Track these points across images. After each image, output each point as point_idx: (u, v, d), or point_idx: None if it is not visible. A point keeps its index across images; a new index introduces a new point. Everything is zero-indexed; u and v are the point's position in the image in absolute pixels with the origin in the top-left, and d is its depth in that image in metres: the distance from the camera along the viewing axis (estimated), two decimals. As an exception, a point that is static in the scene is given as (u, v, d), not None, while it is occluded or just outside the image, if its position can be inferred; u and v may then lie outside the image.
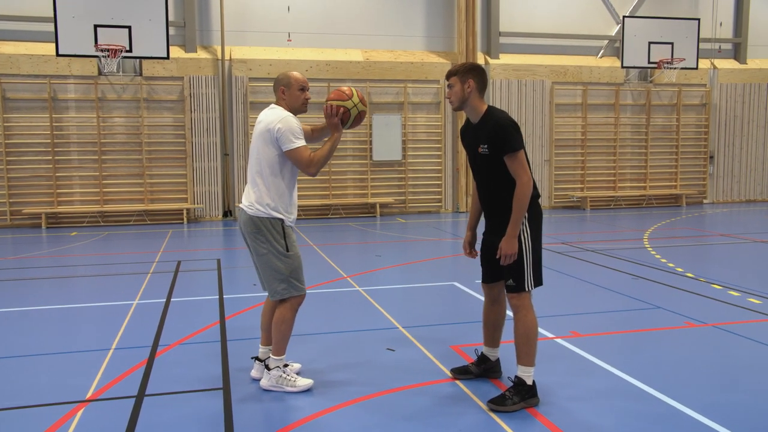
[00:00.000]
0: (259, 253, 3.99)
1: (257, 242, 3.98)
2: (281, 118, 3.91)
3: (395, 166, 14.69)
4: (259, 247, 3.98)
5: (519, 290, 3.76)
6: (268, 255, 3.97)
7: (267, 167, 3.95)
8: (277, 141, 3.91)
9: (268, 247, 3.96)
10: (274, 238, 3.96)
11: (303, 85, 4.06)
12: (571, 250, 9.31)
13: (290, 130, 3.89)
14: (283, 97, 4.05)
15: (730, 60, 16.74)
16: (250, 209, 3.98)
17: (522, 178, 3.67)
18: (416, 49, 14.91)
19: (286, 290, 4.00)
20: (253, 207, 3.97)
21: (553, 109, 15.37)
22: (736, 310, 5.84)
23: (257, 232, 3.96)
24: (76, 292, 7.25)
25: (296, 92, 4.04)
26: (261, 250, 3.98)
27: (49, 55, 12.67)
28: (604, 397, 3.87)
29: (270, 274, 4.00)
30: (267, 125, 3.94)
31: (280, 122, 3.90)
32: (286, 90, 4.04)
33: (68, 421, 3.62)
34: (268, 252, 3.96)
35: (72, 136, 13.12)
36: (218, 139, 13.71)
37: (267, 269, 4.00)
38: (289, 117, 3.94)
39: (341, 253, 9.50)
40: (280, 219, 3.98)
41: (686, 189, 16.26)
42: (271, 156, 3.94)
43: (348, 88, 4.09)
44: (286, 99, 4.05)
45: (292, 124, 3.91)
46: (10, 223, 12.89)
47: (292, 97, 4.05)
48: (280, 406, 3.84)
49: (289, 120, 3.92)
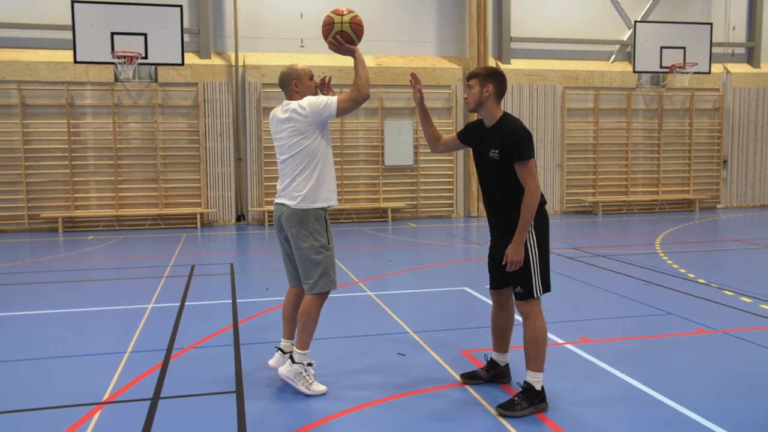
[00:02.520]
0: (300, 247, 4.07)
1: (300, 237, 4.06)
2: (303, 104, 4.05)
3: (407, 171, 14.76)
4: (300, 241, 4.06)
5: (528, 297, 3.81)
6: (309, 249, 4.06)
7: (306, 156, 4.06)
8: (313, 121, 4.02)
9: (311, 241, 4.05)
10: (317, 231, 4.06)
11: (311, 74, 4.23)
12: (583, 255, 9.32)
13: (314, 99, 4.05)
14: (296, 90, 4.16)
15: (743, 64, 16.67)
16: (293, 202, 4.07)
17: (531, 186, 3.72)
18: (428, 55, 14.98)
19: (325, 284, 4.10)
20: (296, 200, 4.06)
21: (564, 114, 15.37)
22: (748, 317, 5.84)
23: (301, 226, 4.05)
24: (93, 295, 7.38)
25: (307, 82, 4.18)
26: (303, 244, 4.06)
27: (66, 63, 12.88)
28: (613, 403, 3.90)
29: (312, 269, 4.07)
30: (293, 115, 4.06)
31: (303, 104, 4.04)
32: (299, 82, 4.16)
33: (86, 422, 3.71)
34: (311, 246, 4.05)
35: (89, 141, 13.32)
36: (232, 145, 13.85)
37: (308, 264, 4.08)
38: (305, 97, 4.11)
39: (353, 257, 9.57)
40: (323, 208, 4.09)
41: (699, 194, 16.19)
42: (308, 144, 4.05)
43: (327, 17, 4.07)
44: (300, 91, 4.16)
45: (311, 97, 4.08)
46: (28, 227, 13.09)
47: (305, 87, 4.17)
48: (293, 409, 3.90)
49: (307, 98, 4.08)
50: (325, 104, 4.02)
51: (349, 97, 4.04)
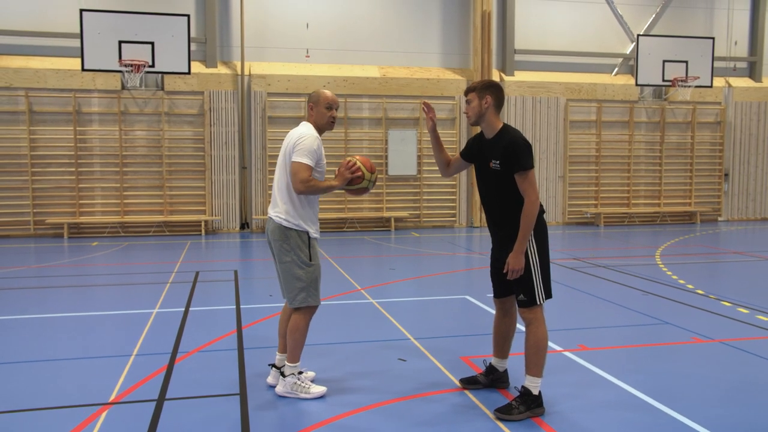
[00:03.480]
0: (283, 260, 4.17)
1: (282, 250, 4.15)
2: (306, 135, 4.10)
3: (410, 180, 14.86)
4: (283, 255, 4.16)
5: (531, 304, 3.89)
6: (291, 263, 4.14)
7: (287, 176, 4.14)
8: (292, 149, 4.09)
9: (292, 255, 4.14)
10: (299, 247, 4.14)
11: (330, 103, 4.23)
12: (584, 265, 9.39)
13: (307, 147, 4.06)
14: (311, 113, 4.24)
15: (745, 78, 16.77)
16: (278, 218, 4.16)
17: (531, 196, 3.82)
18: (432, 66, 15.12)
19: (304, 299, 4.16)
20: (281, 216, 4.15)
21: (567, 126, 15.48)
22: (745, 327, 5.90)
23: (284, 240, 4.14)
24: (98, 300, 7.47)
25: (323, 109, 4.21)
26: (285, 258, 4.15)
27: (74, 70, 13.04)
28: (609, 409, 3.97)
29: (291, 282, 4.16)
30: (291, 140, 4.14)
31: (303, 136, 4.10)
32: (315, 107, 4.23)
33: (93, 422, 3.80)
34: (292, 261, 4.14)
35: (95, 148, 13.45)
36: (237, 153, 13.97)
37: (289, 277, 4.16)
38: (313, 137, 4.11)
39: (356, 265, 9.66)
40: (306, 231, 4.16)
41: (701, 206, 16.26)
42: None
43: (372, 165, 4.27)
44: (314, 115, 4.23)
45: (312, 144, 4.08)
46: (33, 233, 13.20)
47: (319, 114, 4.22)
48: (295, 412, 3.98)
49: (311, 139, 4.10)
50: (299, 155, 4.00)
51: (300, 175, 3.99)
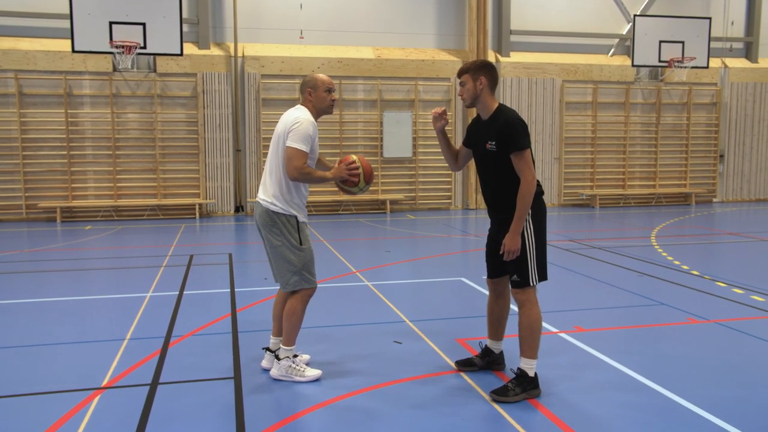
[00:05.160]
0: (273, 245, 4.11)
1: (272, 234, 4.10)
2: (299, 122, 4.00)
3: (405, 163, 14.79)
4: (273, 239, 4.10)
5: (523, 285, 3.86)
6: (281, 247, 4.09)
7: (279, 159, 4.08)
8: (287, 133, 4.02)
9: (282, 239, 4.08)
10: (288, 231, 4.08)
11: (329, 86, 4.17)
12: (579, 247, 9.38)
13: (302, 132, 3.98)
14: (309, 98, 4.16)
15: (741, 59, 16.69)
16: (265, 203, 4.10)
17: (527, 176, 3.77)
18: (427, 47, 14.99)
19: (297, 282, 4.12)
20: (269, 201, 4.09)
21: (563, 108, 15.40)
22: (740, 307, 5.90)
23: (272, 224, 4.08)
24: (91, 284, 7.42)
25: (323, 93, 4.14)
26: (275, 242, 4.10)
27: (64, 52, 12.87)
28: (605, 390, 3.97)
29: (283, 266, 4.12)
30: (285, 124, 4.06)
31: (298, 121, 4.01)
32: (313, 91, 4.15)
33: (86, 406, 3.77)
34: (282, 244, 4.09)
35: (87, 131, 13.32)
36: (230, 136, 13.87)
37: (280, 261, 4.12)
38: (309, 121, 4.03)
39: (351, 248, 9.62)
40: (294, 215, 4.10)
41: (696, 188, 16.25)
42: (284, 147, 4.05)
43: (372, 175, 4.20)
44: (312, 100, 4.15)
45: (308, 129, 4.00)
46: (25, 217, 13.11)
47: (319, 99, 4.15)
48: (290, 395, 3.96)
49: (307, 124, 4.01)
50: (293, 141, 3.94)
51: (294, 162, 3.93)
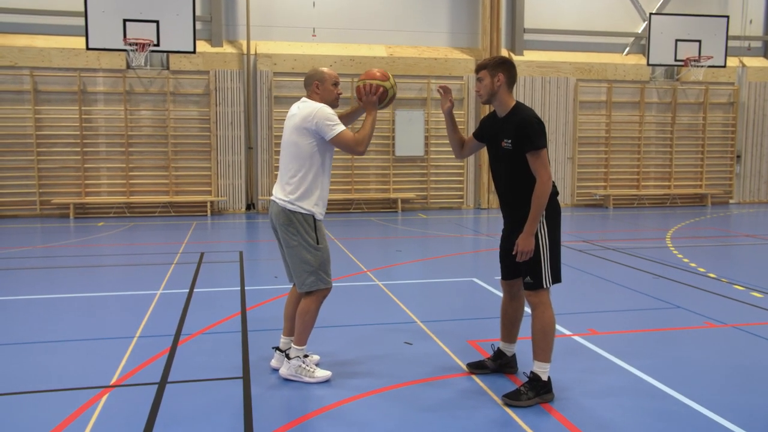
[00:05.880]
0: (290, 245, 4.07)
1: (288, 234, 4.05)
2: (317, 109, 3.99)
3: (417, 161, 14.73)
4: (289, 239, 4.05)
5: (537, 287, 3.79)
6: (298, 247, 4.04)
7: (301, 161, 4.02)
8: (317, 132, 3.98)
9: (299, 239, 4.03)
10: (305, 230, 4.03)
11: (336, 80, 4.17)
12: (593, 248, 9.27)
13: (328, 118, 3.97)
14: (317, 91, 4.13)
15: (759, 58, 16.46)
16: (282, 201, 4.06)
17: (543, 176, 3.70)
18: (440, 45, 14.91)
19: (314, 283, 4.07)
20: (285, 200, 4.04)
21: (577, 107, 15.27)
22: (758, 312, 5.79)
23: (289, 224, 4.04)
24: (102, 281, 7.43)
25: (330, 87, 4.13)
26: (291, 242, 4.05)
27: (79, 49, 12.92)
28: (619, 395, 3.89)
29: (299, 266, 4.07)
30: (303, 118, 4.01)
31: (317, 113, 3.97)
32: (320, 85, 4.12)
33: (94, 404, 3.74)
34: (299, 244, 4.04)
35: (100, 128, 13.37)
36: (242, 133, 13.87)
37: (297, 261, 4.07)
38: (324, 106, 4.03)
39: (362, 247, 9.58)
40: (311, 213, 4.06)
41: (712, 189, 16.05)
42: (305, 149, 4.01)
43: (380, 70, 4.19)
44: (320, 93, 4.13)
45: (328, 112, 4.00)
46: (39, 213, 13.19)
47: (326, 92, 4.13)
48: (299, 396, 3.92)
49: (324, 109, 4.00)
50: (332, 129, 3.95)
51: (351, 140, 3.98)
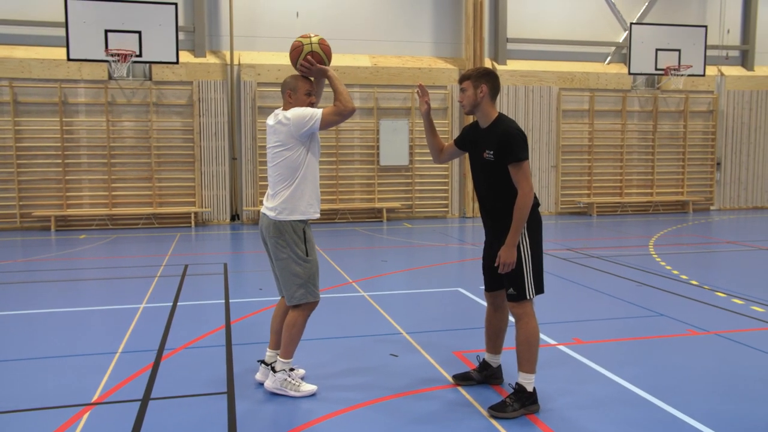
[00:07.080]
0: (279, 257, 4.05)
1: (278, 247, 4.04)
2: (290, 119, 3.98)
3: (402, 171, 14.74)
4: (279, 251, 4.04)
5: (520, 299, 3.80)
6: (287, 260, 4.03)
7: (286, 168, 4.02)
8: (304, 135, 3.97)
9: (288, 252, 4.02)
10: (294, 242, 4.02)
11: (309, 89, 4.13)
12: (576, 256, 9.32)
13: (301, 117, 3.96)
14: (290, 101, 4.12)
15: (737, 67, 16.71)
16: (272, 213, 4.04)
17: (524, 188, 3.71)
18: (424, 55, 14.97)
19: (303, 296, 4.05)
20: (275, 211, 4.03)
21: (560, 115, 15.39)
22: (740, 318, 5.85)
23: (279, 236, 4.02)
24: (84, 295, 7.34)
25: (302, 96, 4.11)
26: (281, 254, 4.04)
27: (60, 60, 12.81)
28: (604, 405, 3.90)
29: (289, 279, 4.05)
30: (277, 126, 4.02)
31: (292, 121, 3.97)
32: (293, 94, 4.11)
33: (74, 423, 3.68)
34: (288, 257, 4.02)
35: (82, 139, 13.24)
36: (226, 144, 13.81)
37: (286, 274, 4.05)
38: (291, 110, 4.02)
39: (347, 257, 9.55)
40: (302, 221, 4.04)
41: (693, 195, 16.23)
42: (290, 160, 4.00)
43: (295, 41, 4.13)
44: (292, 103, 4.12)
45: (297, 113, 3.99)
46: (19, 226, 13.01)
47: (299, 102, 4.11)
48: (285, 410, 3.89)
49: (293, 112, 4.00)
50: (309, 116, 3.96)
51: (334, 110, 3.98)
